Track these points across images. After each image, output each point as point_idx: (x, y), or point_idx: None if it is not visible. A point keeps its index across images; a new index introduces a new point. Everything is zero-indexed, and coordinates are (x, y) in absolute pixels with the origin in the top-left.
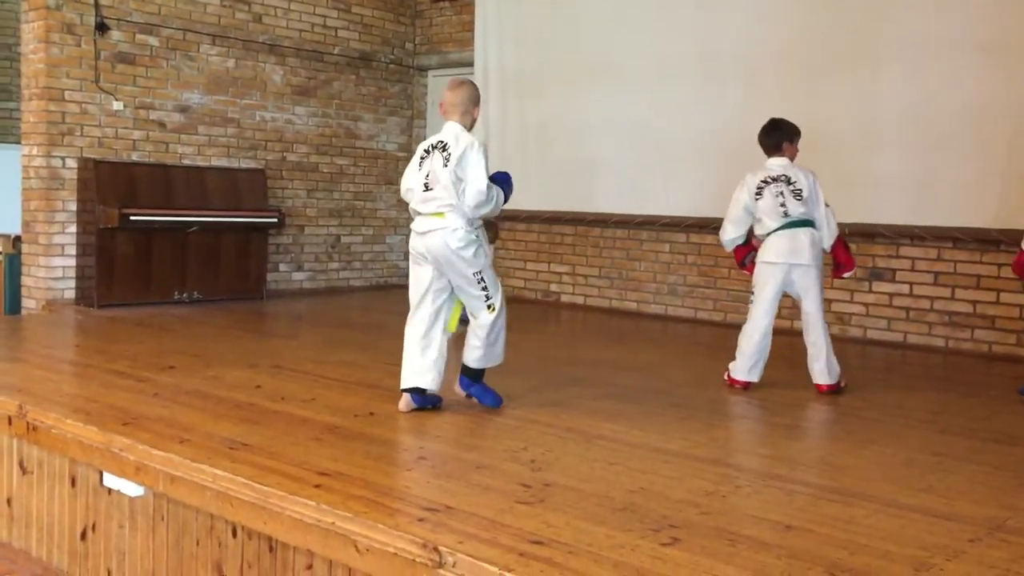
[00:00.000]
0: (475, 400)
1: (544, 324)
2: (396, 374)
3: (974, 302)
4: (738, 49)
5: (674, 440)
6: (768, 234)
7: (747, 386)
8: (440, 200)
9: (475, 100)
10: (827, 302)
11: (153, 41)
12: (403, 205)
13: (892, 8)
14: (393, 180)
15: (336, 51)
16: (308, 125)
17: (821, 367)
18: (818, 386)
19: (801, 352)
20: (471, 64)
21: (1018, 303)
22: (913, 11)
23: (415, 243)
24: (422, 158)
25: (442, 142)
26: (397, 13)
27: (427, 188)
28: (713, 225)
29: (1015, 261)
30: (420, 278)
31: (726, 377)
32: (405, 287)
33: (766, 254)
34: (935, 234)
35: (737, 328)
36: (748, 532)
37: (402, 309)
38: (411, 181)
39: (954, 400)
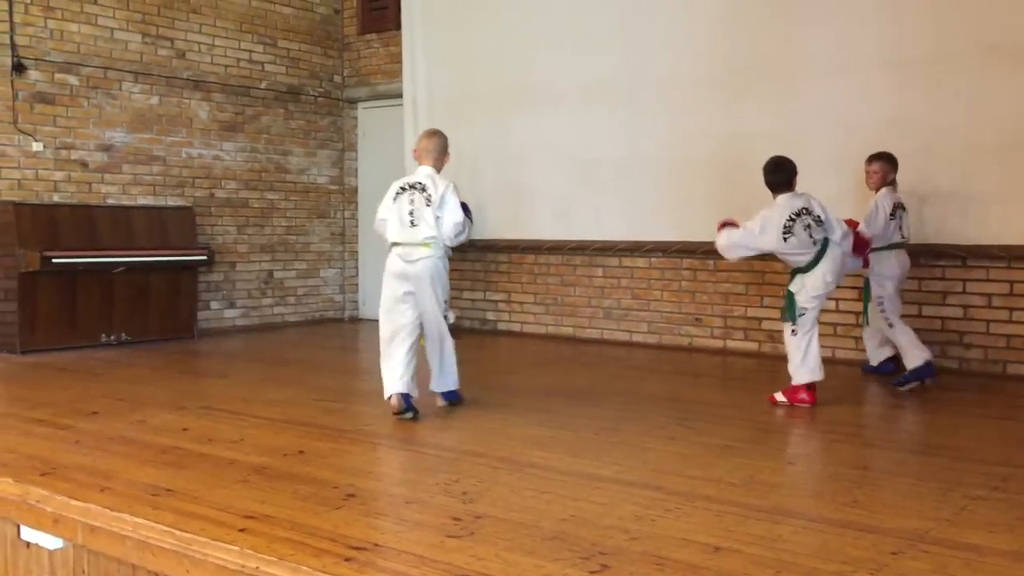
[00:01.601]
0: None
1: (480, 352)
2: (328, 410)
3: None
4: (663, 71)
5: (606, 466)
6: (809, 267)
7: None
8: (425, 233)
9: (445, 148)
10: (757, 320)
11: (73, 80)
12: (336, 239)
13: (809, 29)
14: (326, 213)
15: (263, 85)
16: (237, 161)
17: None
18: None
19: (732, 372)
20: (400, 96)
21: (939, 315)
22: (833, 29)
23: (399, 267)
24: (397, 194)
25: (420, 183)
26: (324, 46)
27: (413, 224)
28: (644, 248)
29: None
30: (396, 289)
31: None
32: (339, 321)
33: (815, 288)
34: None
35: (671, 349)
36: (676, 555)
37: (335, 344)
38: (385, 213)
39: (880, 413)
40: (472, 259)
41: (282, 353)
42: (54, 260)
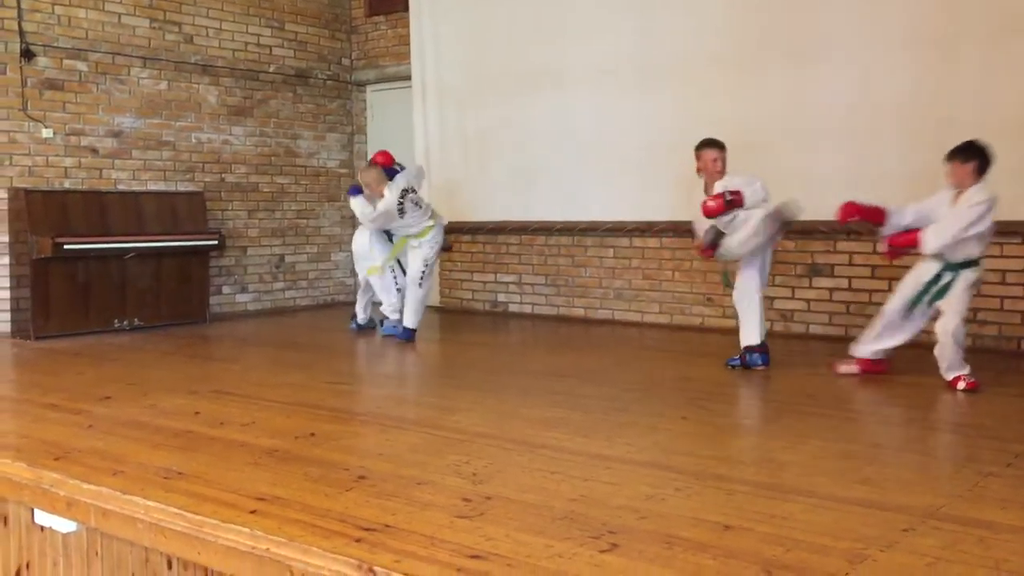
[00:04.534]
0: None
1: (492, 335)
2: (339, 393)
3: None
4: (674, 52)
5: (616, 446)
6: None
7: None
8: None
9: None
10: (768, 299)
11: (81, 66)
12: (347, 222)
13: (825, 7)
14: (336, 197)
15: (272, 69)
16: (246, 145)
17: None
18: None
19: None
20: (408, 77)
21: None
22: (846, 9)
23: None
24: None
25: (413, 188)
26: (332, 29)
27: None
28: (656, 228)
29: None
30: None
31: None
32: (351, 304)
33: None
34: (871, 229)
35: (683, 329)
36: (686, 534)
37: (347, 327)
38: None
39: (893, 390)
40: (482, 241)
41: (293, 337)
42: (66, 247)
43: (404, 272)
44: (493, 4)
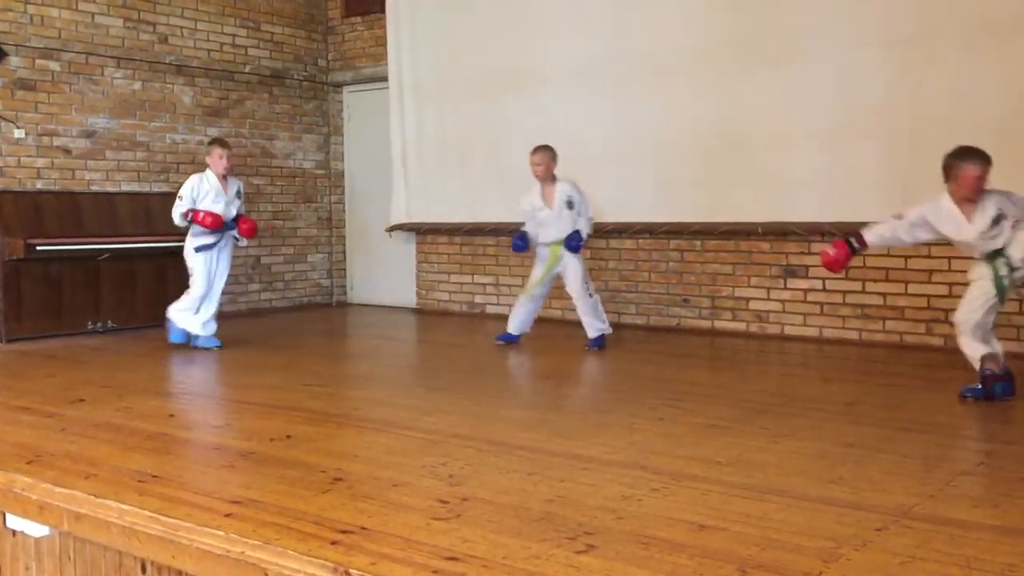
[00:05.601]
0: None
1: (469, 336)
2: (315, 395)
3: (884, 294)
4: (651, 53)
5: (593, 446)
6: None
7: None
8: None
9: None
10: (745, 300)
11: (54, 66)
12: (323, 223)
13: (801, 8)
14: (312, 198)
15: (247, 69)
16: None
17: None
18: None
19: (720, 352)
20: (385, 79)
21: (925, 293)
22: (822, 10)
23: None
24: None
25: None
26: (308, 29)
27: None
28: (633, 229)
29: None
30: None
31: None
32: (327, 306)
33: None
34: (844, 230)
35: (659, 330)
36: (662, 534)
37: (323, 328)
38: None
39: (867, 391)
40: (459, 243)
41: (269, 338)
42: (38, 248)
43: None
44: (470, 5)
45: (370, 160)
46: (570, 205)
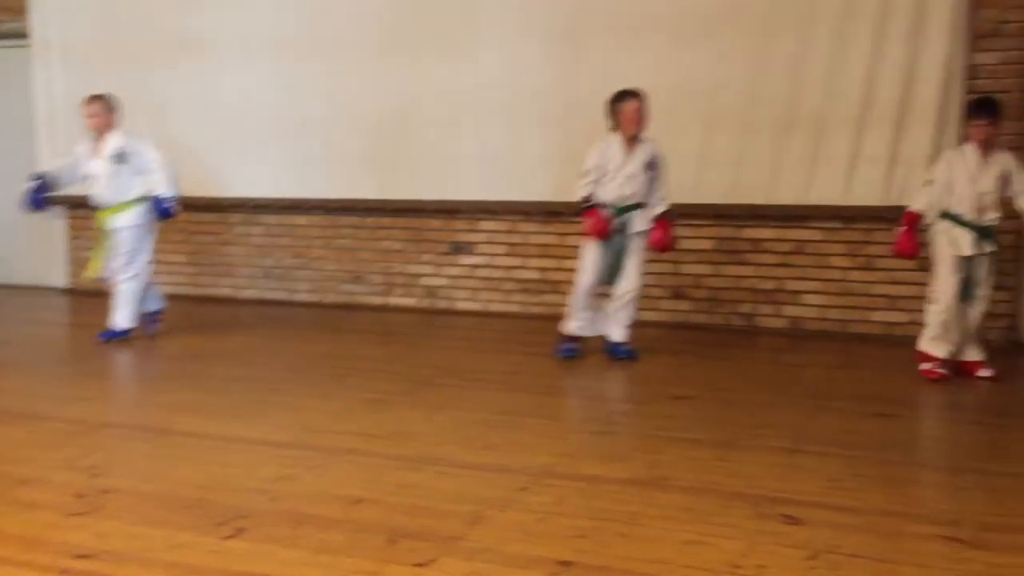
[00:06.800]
0: None
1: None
2: None
3: (542, 269)
4: (324, 29)
5: (255, 427)
6: None
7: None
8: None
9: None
10: (416, 276)
11: None
12: None
13: None
14: None
15: None
16: None
17: None
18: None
19: (392, 327)
20: (26, 35)
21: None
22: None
23: None
24: None
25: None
26: None
27: None
28: (307, 205)
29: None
30: None
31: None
32: None
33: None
34: (508, 208)
35: (333, 307)
36: (316, 511)
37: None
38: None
39: (526, 361)
40: None
41: None
42: None
43: None
44: None
45: (7, 128)
46: None
